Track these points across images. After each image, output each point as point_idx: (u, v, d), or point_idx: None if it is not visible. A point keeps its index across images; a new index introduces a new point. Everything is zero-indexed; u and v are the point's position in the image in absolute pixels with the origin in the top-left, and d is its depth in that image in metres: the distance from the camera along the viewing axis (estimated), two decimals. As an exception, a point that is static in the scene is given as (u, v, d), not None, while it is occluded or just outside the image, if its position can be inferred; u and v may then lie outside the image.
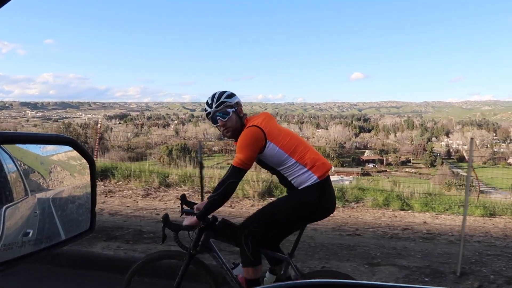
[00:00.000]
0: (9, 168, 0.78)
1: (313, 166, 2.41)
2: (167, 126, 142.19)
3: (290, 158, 2.40)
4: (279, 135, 2.43)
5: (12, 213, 0.76)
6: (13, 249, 0.76)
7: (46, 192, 0.90)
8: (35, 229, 0.83)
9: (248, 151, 2.35)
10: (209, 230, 2.58)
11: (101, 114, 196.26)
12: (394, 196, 7.11)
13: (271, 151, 2.39)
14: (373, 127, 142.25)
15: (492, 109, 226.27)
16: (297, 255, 3.42)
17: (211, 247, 2.64)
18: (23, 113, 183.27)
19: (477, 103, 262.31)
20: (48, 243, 0.87)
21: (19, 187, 0.80)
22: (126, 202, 6.84)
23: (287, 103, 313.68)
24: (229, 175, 2.37)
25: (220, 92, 2.55)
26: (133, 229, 4.96)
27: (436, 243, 5.00)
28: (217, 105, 2.50)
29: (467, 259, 4.25)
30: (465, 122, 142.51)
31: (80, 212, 1.03)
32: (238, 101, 2.57)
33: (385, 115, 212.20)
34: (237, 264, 2.69)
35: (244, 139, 2.37)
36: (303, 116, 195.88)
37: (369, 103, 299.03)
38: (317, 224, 5.48)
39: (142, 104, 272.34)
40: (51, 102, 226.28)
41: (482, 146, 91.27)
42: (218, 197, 2.37)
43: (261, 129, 2.37)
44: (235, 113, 2.52)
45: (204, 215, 2.44)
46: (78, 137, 16.86)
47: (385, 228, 5.70)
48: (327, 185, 2.49)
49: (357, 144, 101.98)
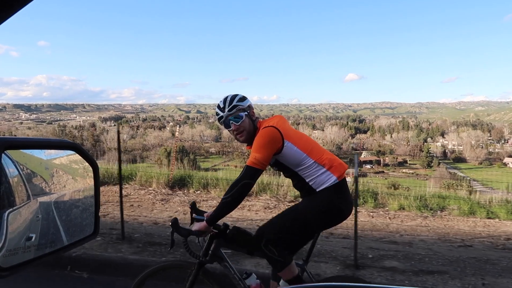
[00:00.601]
0: (12, 172, 0.79)
1: (332, 166, 2.35)
2: (163, 128, 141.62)
3: (308, 158, 2.34)
4: (295, 137, 2.38)
5: (14, 217, 0.77)
6: (18, 254, 0.77)
7: (48, 196, 0.90)
8: (37, 233, 0.83)
9: (265, 151, 2.26)
10: (220, 238, 2.47)
11: (95, 116, 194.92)
12: (474, 204, 6.96)
13: (289, 150, 2.32)
14: (368, 128, 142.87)
15: (485, 110, 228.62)
16: (450, 271, 3.33)
17: (222, 256, 2.51)
18: (17, 115, 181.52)
19: (470, 104, 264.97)
20: (52, 248, 0.88)
21: (21, 191, 0.81)
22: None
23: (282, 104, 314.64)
24: (243, 176, 2.25)
25: (232, 96, 2.48)
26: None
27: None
28: (229, 108, 2.42)
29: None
30: (460, 123, 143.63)
31: (84, 217, 1.03)
32: (250, 104, 2.52)
33: (380, 116, 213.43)
34: (249, 274, 2.58)
35: (261, 139, 2.29)
36: (298, 117, 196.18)
37: (363, 104, 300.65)
38: (419, 234, 5.48)
39: (137, 106, 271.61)
40: (45, 104, 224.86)
41: (477, 146, 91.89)
42: (231, 199, 2.25)
43: (278, 130, 2.31)
44: (247, 116, 2.45)
45: (215, 219, 2.31)
46: (74, 139, 16.61)
47: (487, 238, 5.59)
48: (344, 186, 2.43)
49: (353, 145, 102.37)
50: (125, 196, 6.88)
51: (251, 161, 2.25)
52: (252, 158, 2.26)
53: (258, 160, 2.24)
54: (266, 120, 2.50)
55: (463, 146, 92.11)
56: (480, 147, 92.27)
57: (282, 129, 2.33)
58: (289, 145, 2.31)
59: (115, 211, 6.13)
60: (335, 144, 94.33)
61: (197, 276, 2.47)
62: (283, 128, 2.34)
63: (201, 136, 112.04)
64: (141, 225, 5.71)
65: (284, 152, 2.32)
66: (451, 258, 4.49)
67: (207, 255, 2.47)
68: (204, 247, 2.47)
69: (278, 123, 2.37)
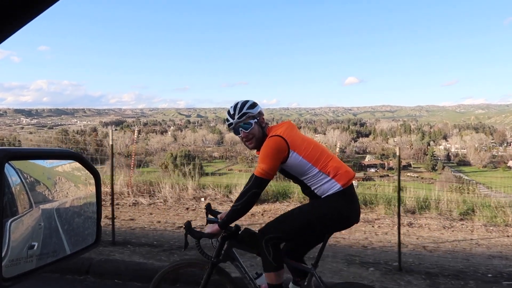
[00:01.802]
0: (14, 181, 0.79)
1: (336, 174, 2.38)
2: (165, 133, 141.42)
3: (313, 167, 2.37)
4: (302, 144, 2.39)
5: (17, 226, 0.77)
6: (20, 264, 0.76)
7: (50, 204, 0.90)
8: (40, 241, 0.83)
9: (271, 161, 2.32)
10: (232, 239, 2.58)
11: (96, 120, 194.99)
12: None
13: (294, 160, 2.36)
14: (370, 131, 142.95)
15: (485, 113, 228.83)
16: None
17: (234, 256, 2.61)
18: (17, 120, 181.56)
19: (471, 107, 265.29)
20: (55, 257, 0.87)
21: (23, 199, 0.81)
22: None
23: (282, 108, 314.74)
24: (251, 185, 2.34)
25: (243, 102, 2.50)
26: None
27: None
28: (239, 115, 2.45)
29: None
30: (462, 126, 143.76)
31: (86, 225, 1.03)
32: (261, 111, 2.54)
33: (381, 120, 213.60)
34: (260, 274, 2.65)
35: (267, 149, 2.34)
36: (299, 121, 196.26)
37: (363, 108, 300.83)
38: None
39: (137, 110, 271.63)
40: (46, 109, 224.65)
41: (481, 150, 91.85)
42: (241, 206, 2.35)
43: (284, 139, 2.34)
44: (257, 123, 2.48)
45: (226, 223, 2.42)
46: (78, 144, 16.82)
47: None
48: (351, 193, 2.46)
49: (356, 149, 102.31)
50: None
51: (258, 171, 2.32)
52: (259, 168, 2.33)
53: (265, 170, 2.31)
54: (274, 126, 2.51)
55: (466, 149, 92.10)
56: (483, 150, 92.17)
57: (288, 137, 2.36)
58: (295, 155, 2.35)
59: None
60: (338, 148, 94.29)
61: (210, 275, 2.59)
62: (290, 137, 2.37)
63: (203, 141, 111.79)
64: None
65: (289, 161, 2.36)
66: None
67: (219, 256, 2.58)
68: (216, 248, 2.59)
69: (285, 131, 2.39)
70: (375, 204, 7.22)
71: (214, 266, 2.59)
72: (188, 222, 2.48)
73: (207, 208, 2.74)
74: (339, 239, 5.46)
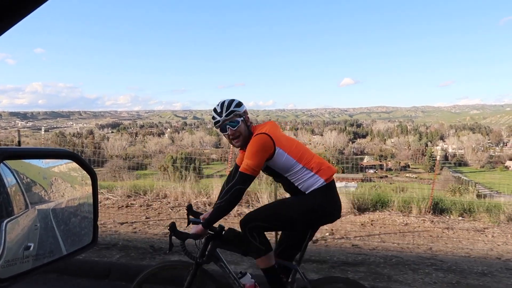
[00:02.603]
0: (10, 182, 0.79)
1: (319, 170, 2.44)
2: (162, 135, 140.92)
3: (297, 164, 2.42)
4: (286, 143, 2.45)
5: (13, 227, 0.76)
6: (16, 264, 0.76)
7: (46, 205, 0.89)
8: (36, 242, 0.83)
9: (257, 158, 2.34)
10: (216, 239, 2.57)
11: (92, 123, 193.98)
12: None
13: (279, 157, 2.40)
14: (367, 132, 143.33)
15: (480, 113, 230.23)
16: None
17: (218, 257, 2.61)
18: (12, 123, 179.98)
19: (466, 107, 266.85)
20: (51, 258, 0.87)
21: (19, 200, 0.81)
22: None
23: (278, 109, 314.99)
24: (236, 182, 2.34)
25: (229, 101, 2.53)
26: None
27: None
28: (227, 113, 2.47)
29: None
30: (458, 127, 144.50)
31: (83, 225, 1.03)
32: (246, 110, 2.58)
33: (377, 120, 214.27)
34: (244, 273, 2.68)
35: (254, 146, 2.36)
36: (296, 123, 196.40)
37: (359, 109, 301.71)
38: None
39: (133, 112, 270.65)
40: (41, 111, 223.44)
41: (478, 150, 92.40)
42: (225, 203, 2.34)
43: (270, 137, 2.38)
44: (243, 122, 2.51)
45: (210, 223, 2.41)
46: (75, 147, 16.58)
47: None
48: (333, 188, 2.52)
49: (354, 150, 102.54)
50: (405, 225, 6.44)
51: (244, 168, 2.33)
52: (244, 164, 2.34)
53: (250, 166, 2.31)
54: (259, 125, 2.56)
55: (464, 150, 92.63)
56: (480, 150, 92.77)
57: (273, 135, 2.40)
58: (280, 152, 2.39)
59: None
60: (337, 149, 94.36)
61: (195, 276, 2.58)
62: (275, 135, 2.41)
63: (201, 143, 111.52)
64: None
65: (275, 158, 2.40)
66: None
67: (204, 256, 2.57)
68: (201, 248, 2.58)
69: (270, 129, 2.44)
70: (475, 212, 6.98)
71: (199, 266, 2.58)
72: (173, 223, 2.44)
73: (188, 209, 2.70)
74: (467, 250, 5.35)
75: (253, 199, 7.33)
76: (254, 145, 2.36)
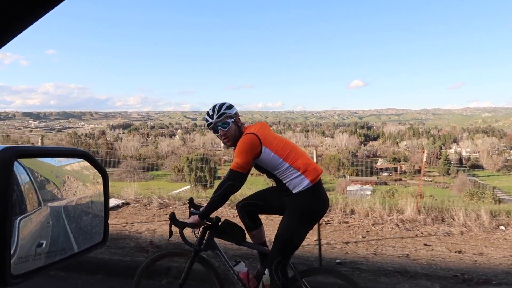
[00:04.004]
0: (23, 179, 0.80)
1: (306, 170, 2.59)
2: (173, 136, 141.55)
3: (284, 163, 2.58)
4: (273, 142, 2.61)
5: (25, 224, 0.77)
6: (29, 261, 0.77)
7: (58, 202, 0.91)
8: (48, 240, 0.84)
9: (244, 156, 2.52)
10: (213, 229, 2.78)
11: (103, 123, 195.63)
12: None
13: (266, 156, 2.57)
14: (378, 135, 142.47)
15: (492, 116, 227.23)
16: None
17: (215, 245, 2.80)
18: (26, 123, 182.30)
19: (477, 110, 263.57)
20: (63, 255, 0.88)
21: (32, 198, 0.82)
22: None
23: (287, 111, 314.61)
24: (227, 178, 2.56)
25: (220, 104, 2.74)
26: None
27: None
28: (218, 116, 2.68)
29: None
30: (471, 130, 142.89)
31: (94, 224, 1.04)
32: (237, 112, 2.78)
33: (387, 123, 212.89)
34: (238, 262, 2.90)
35: (241, 145, 2.54)
36: (306, 124, 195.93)
37: (368, 111, 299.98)
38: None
39: (143, 113, 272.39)
40: (53, 112, 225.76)
41: (492, 153, 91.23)
42: (218, 197, 2.56)
43: (257, 136, 2.56)
44: (234, 123, 2.71)
45: (206, 214, 2.64)
46: (89, 147, 16.72)
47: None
48: (319, 188, 2.67)
49: (366, 153, 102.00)
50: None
51: (233, 165, 2.54)
52: (234, 162, 2.55)
53: (239, 164, 2.51)
54: (249, 126, 2.75)
55: (478, 153, 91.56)
56: (495, 154, 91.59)
57: (261, 135, 2.58)
58: (267, 151, 2.56)
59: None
60: (350, 152, 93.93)
61: (193, 263, 2.79)
62: (263, 135, 2.60)
63: (212, 144, 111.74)
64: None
65: (262, 157, 2.58)
66: None
67: (201, 244, 2.77)
68: (198, 237, 2.79)
69: (259, 130, 2.63)
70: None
71: (197, 254, 2.78)
72: (173, 213, 2.68)
73: (189, 202, 2.90)
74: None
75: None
76: (242, 144, 2.54)
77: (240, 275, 2.82)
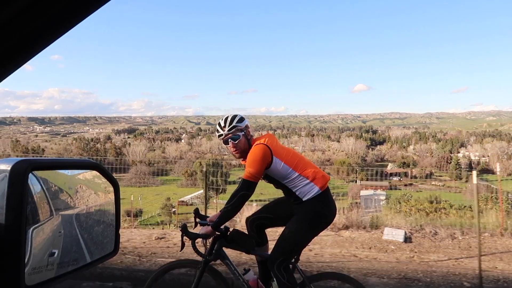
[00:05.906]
0: (36, 189, 0.81)
1: (315, 178, 2.67)
2: (179, 140, 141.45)
3: (293, 172, 2.66)
4: (282, 152, 2.70)
5: (38, 233, 0.78)
6: (42, 271, 0.78)
7: (70, 212, 0.92)
8: (60, 249, 0.84)
9: (257, 166, 2.58)
10: (222, 239, 2.80)
11: (108, 128, 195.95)
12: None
13: (277, 166, 2.64)
14: (383, 139, 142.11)
15: (497, 120, 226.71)
16: None
17: (224, 255, 2.85)
18: (31, 128, 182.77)
19: (481, 114, 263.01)
20: (75, 266, 0.88)
21: (44, 207, 0.83)
22: None
23: (291, 115, 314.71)
24: (240, 188, 2.59)
25: (232, 116, 2.80)
26: None
27: None
28: (229, 128, 2.74)
29: None
30: (478, 133, 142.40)
31: (105, 234, 1.04)
32: (247, 124, 2.84)
33: (392, 127, 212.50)
34: (247, 270, 2.95)
35: (254, 155, 2.60)
36: (310, 129, 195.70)
37: (372, 115, 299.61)
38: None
39: (147, 118, 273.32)
40: (58, 117, 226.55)
41: (502, 157, 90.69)
42: (231, 208, 2.60)
43: (268, 147, 2.63)
44: (244, 136, 2.77)
45: (218, 224, 2.66)
46: (98, 152, 16.71)
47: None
48: (328, 195, 2.75)
49: (374, 157, 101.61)
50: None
51: (246, 175, 2.59)
52: (246, 172, 2.59)
53: (252, 174, 2.57)
54: (258, 138, 2.82)
55: (488, 157, 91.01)
56: (504, 158, 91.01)
57: (271, 145, 2.66)
58: (277, 161, 2.64)
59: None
60: (359, 156, 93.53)
61: (203, 272, 2.82)
62: (272, 145, 2.67)
63: (219, 148, 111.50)
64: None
65: (272, 167, 2.64)
66: None
67: (211, 254, 2.81)
68: (209, 247, 2.83)
69: (268, 140, 2.70)
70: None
71: (207, 263, 2.81)
72: (184, 224, 2.73)
73: (195, 212, 2.95)
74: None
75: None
76: (255, 154, 2.60)
77: (250, 283, 2.87)
